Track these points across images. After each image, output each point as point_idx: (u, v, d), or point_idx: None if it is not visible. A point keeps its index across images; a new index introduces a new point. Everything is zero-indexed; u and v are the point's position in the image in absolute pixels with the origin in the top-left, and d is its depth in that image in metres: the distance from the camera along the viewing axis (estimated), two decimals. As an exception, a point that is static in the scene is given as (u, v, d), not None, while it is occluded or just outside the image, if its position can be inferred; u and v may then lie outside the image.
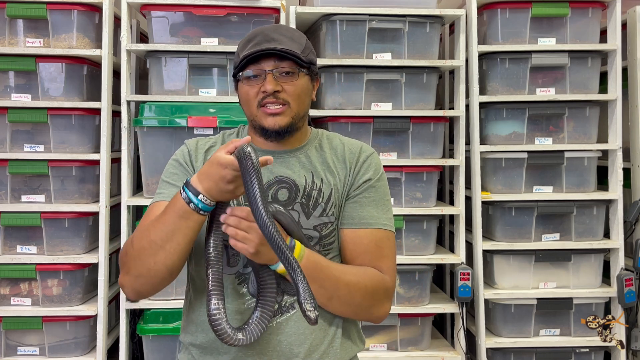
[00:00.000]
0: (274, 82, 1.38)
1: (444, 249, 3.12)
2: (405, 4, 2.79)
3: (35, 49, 2.70)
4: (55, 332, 2.70)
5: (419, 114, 2.81)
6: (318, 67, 2.82)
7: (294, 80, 1.40)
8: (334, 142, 1.53)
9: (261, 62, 1.39)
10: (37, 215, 2.68)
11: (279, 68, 1.39)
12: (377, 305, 1.44)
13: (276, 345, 1.40)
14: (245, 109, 1.45)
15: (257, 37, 1.42)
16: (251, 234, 1.28)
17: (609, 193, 2.88)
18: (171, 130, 2.67)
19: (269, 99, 1.39)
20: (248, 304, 1.41)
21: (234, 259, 1.44)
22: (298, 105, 1.42)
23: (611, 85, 2.89)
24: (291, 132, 1.44)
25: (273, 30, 1.43)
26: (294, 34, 1.45)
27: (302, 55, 1.40)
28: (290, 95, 1.40)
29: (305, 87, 1.44)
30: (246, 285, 1.43)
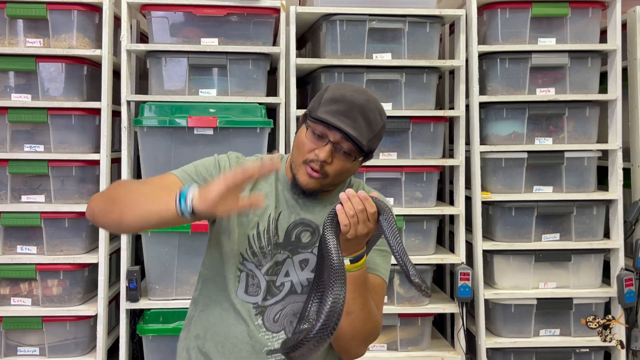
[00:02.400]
0: (328, 154, 1.41)
1: (444, 249, 3.12)
2: (405, 4, 2.79)
3: (35, 49, 2.70)
4: (55, 332, 2.70)
5: (419, 114, 2.81)
6: (318, 67, 2.85)
7: (346, 161, 1.44)
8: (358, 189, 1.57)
9: (332, 129, 1.41)
10: (37, 215, 2.68)
11: (342, 144, 1.42)
12: (366, 344, 1.51)
13: None
14: (294, 152, 1.48)
15: (342, 103, 1.42)
16: (360, 225, 1.33)
17: (609, 193, 2.88)
18: (171, 130, 2.67)
19: (315, 164, 1.43)
20: (262, 335, 1.48)
21: (253, 289, 1.48)
22: (334, 179, 1.47)
23: (611, 85, 2.89)
24: (315, 195, 1.50)
25: (360, 107, 1.42)
26: (375, 118, 1.44)
27: (366, 146, 1.43)
28: (333, 171, 1.44)
29: (352, 169, 1.48)
30: (262, 317, 1.49)
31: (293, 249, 1.50)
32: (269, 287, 1.49)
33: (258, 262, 1.49)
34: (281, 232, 1.50)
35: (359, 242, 1.37)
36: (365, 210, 1.33)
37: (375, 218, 1.35)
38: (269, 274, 1.49)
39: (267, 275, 1.49)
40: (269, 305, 1.49)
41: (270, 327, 1.49)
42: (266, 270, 1.49)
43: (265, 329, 1.48)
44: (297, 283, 1.50)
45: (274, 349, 1.48)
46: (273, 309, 1.49)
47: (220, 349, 1.49)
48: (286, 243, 1.50)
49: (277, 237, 1.49)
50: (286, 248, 1.50)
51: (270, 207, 1.51)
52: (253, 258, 1.49)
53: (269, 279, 1.49)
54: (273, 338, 1.48)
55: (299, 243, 1.50)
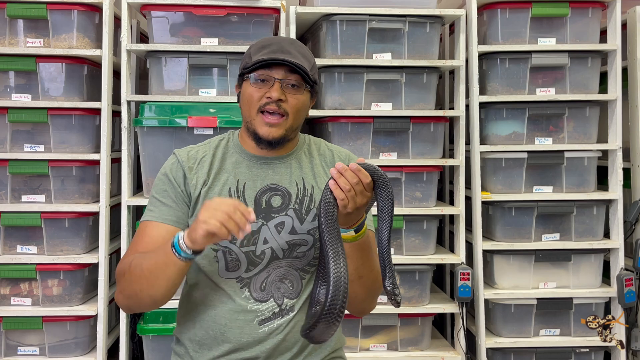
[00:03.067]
0: (280, 91, 1.44)
1: (444, 249, 3.12)
2: (405, 4, 2.79)
3: (36, 49, 2.70)
4: (55, 332, 2.70)
5: (419, 114, 2.81)
6: (318, 67, 2.85)
7: (298, 94, 1.47)
8: (321, 148, 1.62)
9: (272, 69, 1.45)
10: (37, 215, 2.68)
11: (288, 79, 1.45)
12: (376, 298, 1.58)
13: (275, 345, 1.50)
14: (245, 109, 1.49)
15: (272, 45, 1.47)
16: (359, 197, 1.35)
17: (609, 193, 2.88)
18: (171, 130, 2.67)
19: (271, 105, 1.44)
20: (251, 306, 1.49)
21: (233, 264, 1.49)
22: (295, 118, 1.48)
23: (611, 85, 2.89)
24: (282, 143, 1.51)
25: (289, 43, 1.49)
26: (305, 52, 1.52)
27: (310, 73, 1.47)
28: (291, 107, 1.46)
29: (305, 102, 1.50)
30: (247, 288, 1.49)
31: (266, 215, 1.50)
32: (248, 258, 1.49)
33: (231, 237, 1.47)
34: (249, 201, 1.50)
35: (360, 213, 1.38)
36: (361, 182, 1.34)
37: (371, 187, 1.36)
38: (245, 245, 1.49)
39: (243, 247, 1.49)
40: (252, 275, 1.50)
41: (258, 297, 1.49)
42: (241, 242, 1.49)
43: (253, 299, 1.49)
44: (278, 248, 1.50)
45: (265, 317, 1.49)
46: (258, 278, 1.50)
47: (211, 332, 1.51)
48: (257, 211, 1.50)
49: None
50: (258, 216, 1.50)
51: (230, 181, 1.51)
52: None
53: (247, 249, 1.49)
54: (263, 307, 1.49)
55: (270, 208, 1.50)
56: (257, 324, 1.49)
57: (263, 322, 1.49)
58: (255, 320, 1.49)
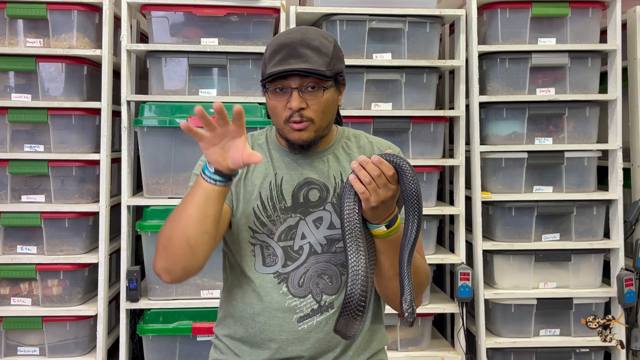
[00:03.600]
0: (299, 100, 1.40)
1: (444, 249, 3.12)
2: (405, 4, 2.79)
3: (35, 49, 2.70)
4: (55, 332, 2.70)
5: (419, 114, 2.81)
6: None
7: (318, 96, 1.42)
8: (361, 140, 1.58)
9: (288, 78, 1.41)
10: (37, 215, 2.68)
11: (305, 84, 1.40)
12: (422, 292, 1.52)
13: (315, 343, 1.46)
14: (274, 119, 1.48)
15: (284, 49, 1.41)
16: (382, 190, 1.28)
17: (609, 193, 2.88)
18: (171, 130, 2.67)
19: (294, 117, 1.41)
20: (289, 303, 1.46)
21: (270, 259, 1.48)
22: (321, 120, 1.44)
23: (611, 85, 2.89)
24: (315, 143, 1.48)
25: (300, 43, 1.41)
26: (321, 43, 1.43)
27: (327, 70, 1.41)
28: (314, 112, 1.42)
29: (330, 100, 1.45)
30: (285, 284, 1.47)
31: (304, 210, 1.48)
32: (286, 253, 1.47)
33: (269, 232, 1.47)
34: (287, 196, 1.48)
35: (388, 207, 1.32)
36: (383, 174, 1.28)
37: (395, 179, 1.29)
38: (283, 240, 1.47)
39: (281, 242, 1.47)
40: (290, 270, 1.47)
41: (297, 293, 1.46)
42: (279, 237, 1.47)
43: (291, 295, 1.46)
44: (316, 243, 1.47)
45: (304, 314, 1.46)
46: (296, 273, 1.47)
47: (251, 330, 1.48)
48: (295, 206, 1.48)
49: (285, 201, 1.48)
50: (296, 211, 1.48)
51: (270, 175, 1.50)
52: (263, 228, 1.47)
53: (284, 244, 1.47)
54: (301, 304, 1.46)
55: (308, 203, 1.48)
56: (295, 321, 1.46)
57: (302, 319, 1.46)
58: (294, 317, 1.46)
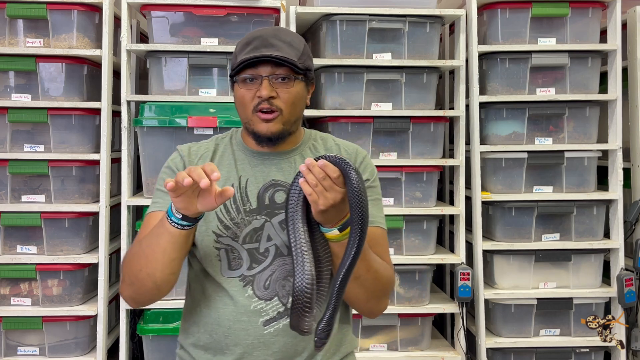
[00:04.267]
0: (269, 88, 1.40)
1: (444, 249, 3.12)
2: (405, 4, 2.79)
3: (35, 49, 2.70)
4: (55, 332, 2.70)
5: (419, 114, 2.81)
6: (318, 67, 2.86)
7: (289, 87, 1.42)
8: (328, 143, 1.57)
9: (258, 66, 1.41)
10: (37, 215, 2.68)
11: (275, 74, 1.41)
12: (384, 298, 1.48)
13: (282, 347, 1.43)
14: (240, 111, 1.47)
15: (255, 40, 1.43)
16: (330, 193, 1.27)
17: (609, 193, 2.88)
18: (171, 130, 2.67)
19: (264, 104, 1.41)
20: (254, 305, 1.43)
21: (236, 262, 1.46)
22: (290, 112, 1.44)
23: (611, 85, 2.89)
24: (282, 138, 1.46)
25: (272, 35, 1.44)
26: (293, 38, 1.46)
27: (298, 62, 1.42)
28: (284, 102, 1.42)
29: (300, 93, 1.45)
30: (251, 287, 1.44)
31: (269, 212, 1.46)
32: (252, 256, 1.45)
33: (233, 235, 1.45)
34: (252, 198, 1.46)
35: (339, 210, 1.30)
36: (329, 177, 1.26)
37: (342, 182, 1.27)
38: (248, 242, 1.45)
39: (246, 244, 1.45)
40: (256, 273, 1.44)
41: (262, 295, 1.43)
42: (244, 239, 1.45)
43: (257, 298, 1.43)
44: (282, 245, 1.45)
45: (270, 317, 1.43)
46: (262, 276, 1.44)
47: (215, 336, 1.46)
48: (261, 208, 1.46)
49: (250, 203, 1.46)
50: (262, 213, 1.46)
51: (232, 178, 1.48)
52: (227, 232, 1.45)
53: (250, 247, 1.45)
54: (267, 306, 1.43)
55: (274, 205, 1.46)
56: (261, 325, 1.43)
57: (268, 322, 1.43)
58: (259, 320, 1.43)
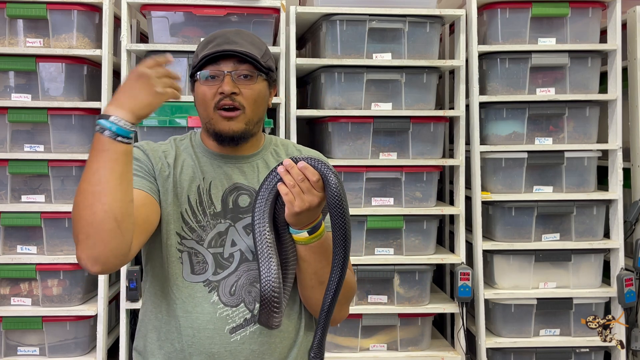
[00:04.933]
0: (231, 84, 1.38)
1: (444, 249, 3.12)
2: (405, 4, 2.79)
3: (35, 49, 2.69)
4: (55, 332, 2.70)
5: (419, 114, 2.81)
6: (318, 67, 2.85)
7: (251, 84, 1.40)
8: (289, 148, 1.56)
9: (220, 63, 1.39)
10: (37, 215, 2.68)
11: (238, 70, 1.39)
12: (346, 305, 1.48)
13: (249, 355, 1.38)
14: (201, 110, 1.43)
15: (217, 38, 1.41)
16: (307, 195, 1.25)
17: (609, 193, 2.88)
18: (171, 130, 2.67)
19: (226, 100, 1.38)
20: (220, 312, 1.38)
21: (200, 267, 1.41)
22: (253, 110, 1.41)
23: (611, 85, 2.89)
24: (245, 138, 1.43)
25: (234, 34, 1.43)
26: (254, 39, 1.45)
27: (261, 60, 1.41)
28: (246, 99, 1.39)
29: (262, 92, 1.43)
30: (216, 292, 1.39)
31: (233, 216, 1.42)
32: (216, 260, 1.40)
33: (198, 237, 1.40)
34: (216, 201, 1.42)
35: (312, 213, 1.28)
36: (307, 179, 1.24)
37: (320, 185, 1.25)
38: (213, 247, 1.40)
39: (211, 248, 1.40)
40: (221, 278, 1.39)
41: (228, 302, 1.38)
42: (209, 243, 1.40)
43: (222, 304, 1.38)
44: (247, 250, 1.41)
45: (236, 325, 1.38)
46: (227, 281, 1.39)
47: (177, 345, 1.38)
48: (225, 211, 1.42)
49: (214, 206, 1.42)
50: (226, 217, 1.42)
51: (198, 178, 1.44)
52: (192, 234, 1.40)
53: (215, 251, 1.40)
54: (233, 313, 1.38)
55: (238, 209, 1.43)
56: (228, 332, 1.37)
57: (234, 329, 1.37)
58: (225, 328, 1.37)
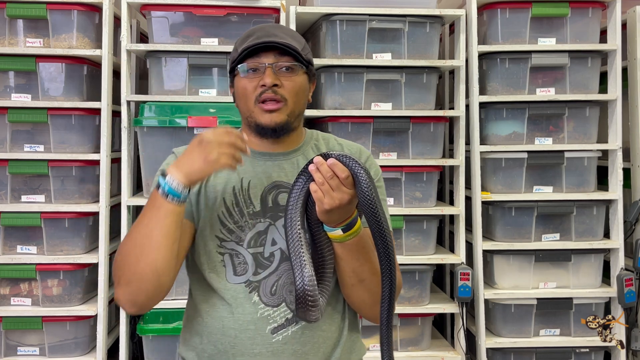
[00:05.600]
0: (273, 76, 1.36)
1: (444, 249, 3.12)
2: (405, 4, 2.79)
3: (35, 49, 2.70)
4: (55, 332, 2.70)
5: (419, 114, 2.81)
6: (318, 67, 2.85)
7: (293, 76, 1.39)
8: (331, 142, 1.53)
9: (261, 55, 1.37)
10: (37, 215, 2.68)
11: (279, 62, 1.37)
12: None
13: (291, 355, 1.37)
14: (242, 104, 1.42)
15: (257, 32, 1.41)
16: (336, 193, 1.23)
17: (609, 193, 2.88)
18: (171, 130, 2.67)
19: (267, 93, 1.36)
20: (261, 312, 1.38)
21: (241, 268, 1.40)
22: (295, 102, 1.39)
23: (611, 85, 2.89)
24: (287, 131, 1.42)
25: (274, 27, 1.43)
26: (293, 33, 1.45)
27: (302, 52, 1.39)
28: (288, 91, 1.38)
29: (303, 85, 1.42)
30: (257, 293, 1.39)
31: (273, 214, 1.41)
32: (256, 260, 1.39)
33: (237, 238, 1.39)
34: (255, 200, 1.41)
35: (345, 211, 1.26)
36: (336, 176, 1.23)
37: (350, 182, 1.23)
38: (252, 247, 1.39)
39: (250, 248, 1.39)
40: (262, 278, 1.38)
41: (269, 302, 1.37)
42: (248, 243, 1.39)
43: (263, 304, 1.37)
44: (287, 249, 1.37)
45: (278, 325, 1.37)
46: (268, 281, 1.38)
47: (220, 346, 1.38)
48: (264, 210, 1.41)
49: (253, 206, 1.40)
50: (266, 215, 1.40)
51: (233, 180, 1.42)
52: (230, 235, 1.40)
53: (254, 251, 1.39)
54: (274, 313, 1.37)
55: (278, 207, 1.41)
56: (269, 333, 1.36)
57: (276, 330, 1.36)
58: (267, 328, 1.36)
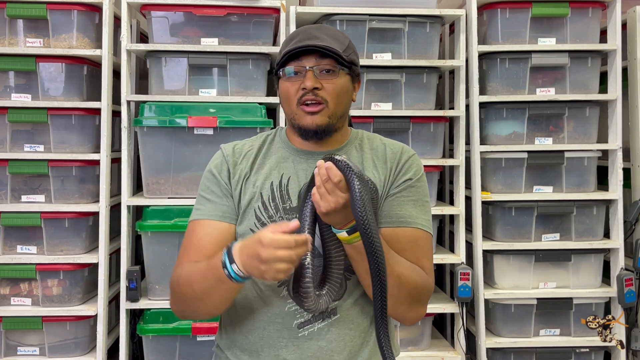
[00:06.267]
0: (313, 79, 1.37)
1: (444, 249, 3.12)
2: (405, 4, 2.79)
3: (35, 49, 2.70)
4: (55, 332, 2.70)
5: (419, 114, 2.81)
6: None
7: (334, 78, 1.39)
8: (375, 142, 1.52)
9: (302, 59, 1.38)
10: (37, 215, 2.68)
11: (320, 65, 1.38)
12: (417, 305, 1.42)
13: (316, 351, 1.38)
14: (286, 107, 1.44)
15: (300, 34, 1.42)
16: (331, 196, 1.24)
17: (609, 193, 2.88)
18: (171, 130, 2.67)
19: (308, 96, 1.37)
20: (289, 307, 1.40)
21: None
22: (336, 104, 1.40)
23: (611, 85, 2.89)
24: (329, 132, 1.42)
25: (316, 29, 1.43)
26: (337, 33, 1.45)
27: (343, 55, 1.40)
28: (329, 93, 1.39)
29: (345, 86, 1.42)
30: (286, 287, 1.40)
31: None
32: None
33: None
34: (293, 196, 1.42)
35: (343, 214, 1.26)
36: (330, 180, 1.23)
37: (343, 186, 1.23)
38: None
39: None
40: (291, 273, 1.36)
41: None
42: None
43: (291, 299, 1.39)
44: (319, 245, 1.39)
45: (304, 320, 1.39)
46: None
47: (250, 337, 1.42)
48: None
49: (290, 201, 1.42)
50: None
51: (272, 176, 1.44)
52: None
53: None
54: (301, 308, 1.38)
55: None
56: (295, 327, 1.38)
57: (302, 325, 1.38)
58: (293, 322, 1.39)
